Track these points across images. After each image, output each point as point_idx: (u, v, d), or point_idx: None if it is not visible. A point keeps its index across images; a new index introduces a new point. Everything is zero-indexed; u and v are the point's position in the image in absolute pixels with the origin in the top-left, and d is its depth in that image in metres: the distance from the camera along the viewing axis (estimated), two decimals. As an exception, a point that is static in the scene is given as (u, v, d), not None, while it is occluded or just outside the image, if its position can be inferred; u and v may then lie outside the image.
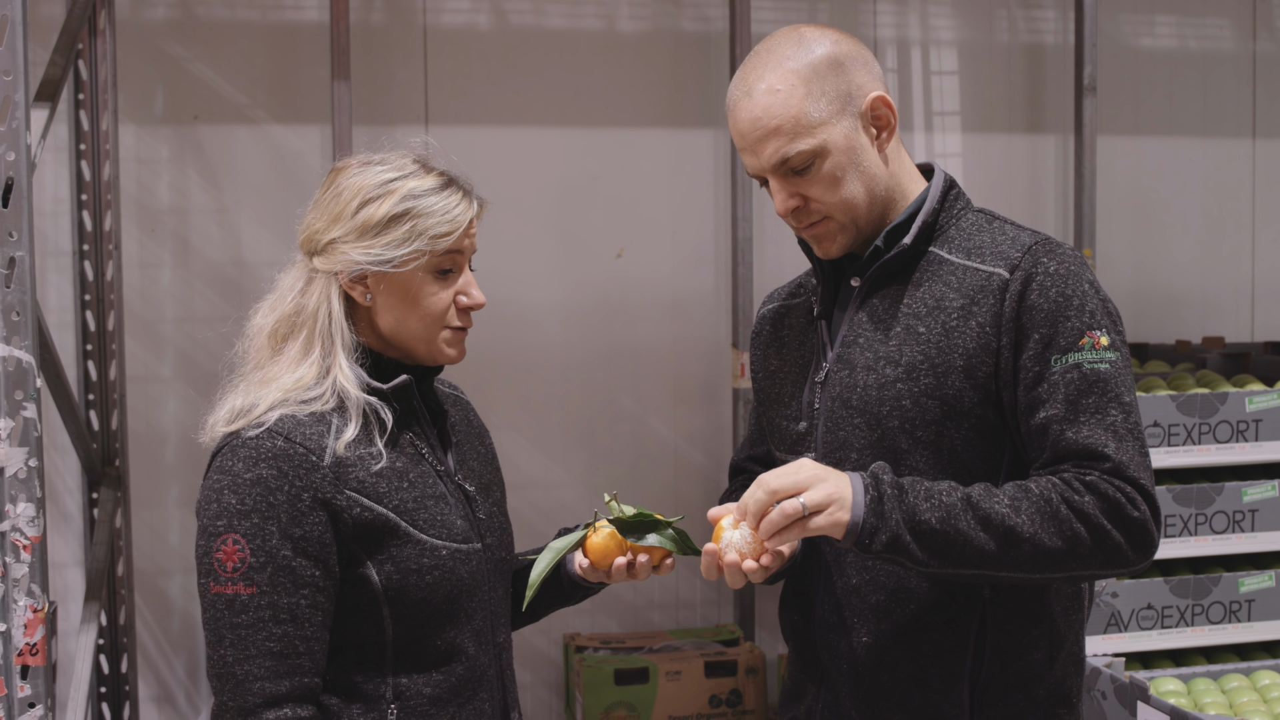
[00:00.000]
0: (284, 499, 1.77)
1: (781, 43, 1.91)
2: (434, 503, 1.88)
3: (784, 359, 2.07)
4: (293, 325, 1.89)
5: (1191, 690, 3.26)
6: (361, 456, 1.83)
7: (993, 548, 1.75)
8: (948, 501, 1.76)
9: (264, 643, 1.77)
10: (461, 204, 1.88)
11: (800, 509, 1.72)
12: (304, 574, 1.78)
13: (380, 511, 1.82)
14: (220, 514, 1.79)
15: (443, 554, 1.86)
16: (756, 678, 3.84)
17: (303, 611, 1.78)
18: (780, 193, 1.91)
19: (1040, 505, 1.76)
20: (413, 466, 1.89)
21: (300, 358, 1.87)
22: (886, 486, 1.75)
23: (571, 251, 4.11)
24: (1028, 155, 4.40)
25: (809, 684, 2.02)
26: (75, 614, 3.59)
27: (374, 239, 1.84)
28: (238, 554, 1.77)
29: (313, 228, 1.90)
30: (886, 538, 1.73)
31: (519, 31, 4.07)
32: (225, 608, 1.77)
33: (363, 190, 1.86)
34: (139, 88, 3.81)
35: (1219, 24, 4.54)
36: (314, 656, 1.80)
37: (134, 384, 3.79)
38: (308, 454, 1.79)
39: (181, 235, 3.86)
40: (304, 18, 3.91)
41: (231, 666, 1.77)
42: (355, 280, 1.87)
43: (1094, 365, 1.82)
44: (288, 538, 1.77)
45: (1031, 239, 1.90)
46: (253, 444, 1.81)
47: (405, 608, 1.84)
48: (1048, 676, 1.92)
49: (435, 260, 1.87)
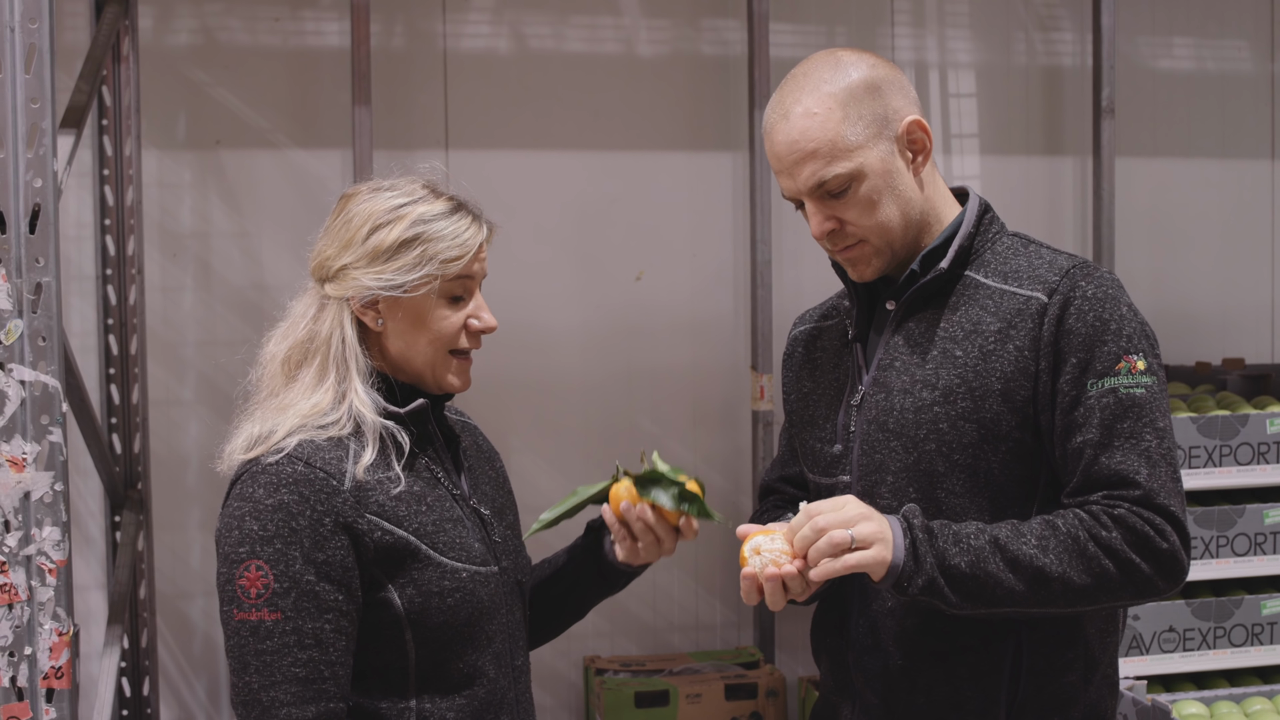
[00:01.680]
0: (306, 524, 1.77)
1: (818, 66, 1.92)
2: (452, 526, 1.88)
3: (817, 381, 2.07)
4: (306, 352, 1.90)
5: (1214, 713, 3.24)
6: (380, 480, 1.83)
7: (1022, 588, 1.76)
8: (976, 545, 1.77)
9: (289, 668, 1.76)
10: (471, 228, 1.89)
11: (849, 540, 1.73)
12: (328, 598, 1.77)
13: (401, 535, 1.82)
14: (242, 540, 1.78)
15: (463, 576, 1.86)
16: (777, 700, 3.83)
17: (327, 636, 1.77)
18: (816, 215, 1.92)
19: (1068, 543, 1.77)
20: (430, 490, 1.89)
21: (315, 384, 1.87)
22: (918, 531, 1.77)
23: (591, 274, 4.12)
24: (1046, 177, 4.40)
25: (842, 706, 2.01)
26: (98, 637, 3.60)
27: (385, 264, 1.85)
28: (261, 580, 1.76)
29: (324, 254, 1.91)
30: (923, 582, 1.75)
31: (538, 55, 4.09)
32: (250, 634, 1.76)
33: (373, 216, 1.87)
34: (162, 113, 3.84)
35: (1237, 45, 4.54)
36: (339, 681, 1.79)
37: (156, 407, 3.81)
38: (328, 478, 1.79)
39: (203, 259, 3.89)
40: (325, 43, 3.94)
41: (257, 693, 1.76)
42: (367, 305, 1.88)
43: (1130, 390, 1.82)
44: (311, 562, 1.76)
45: (1069, 262, 1.90)
46: (273, 470, 1.80)
47: (427, 631, 1.83)
48: (1082, 699, 1.91)
49: (446, 285, 1.87)
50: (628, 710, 3.73)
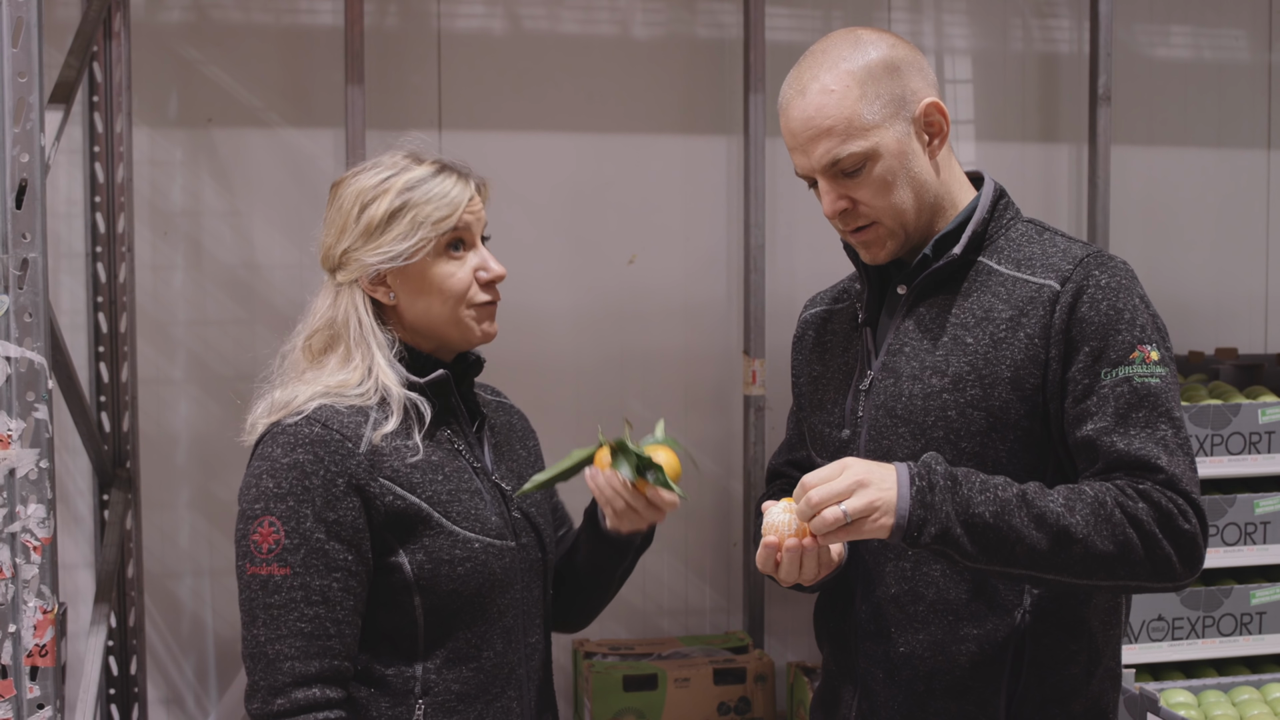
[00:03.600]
0: (319, 483, 1.82)
1: (838, 44, 1.90)
2: (468, 497, 1.91)
3: (827, 365, 2.05)
4: (328, 338, 1.95)
5: (1202, 702, 3.24)
6: (397, 448, 1.87)
7: (1044, 546, 1.73)
8: (1003, 496, 1.74)
9: (295, 623, 1.80)
10: (457, 185, 1.92)
11: (842, 517, 1.71)
12: (337, 557, 1.82)
13: (413, 501, 1.86)
14: (258, 497, 1.83)
15: (475, 546, 1.89)
16: (765, 685, 3.83)
17: (335, 594, 1.82)
18: (829, 194, 1.90)
19: (1095, 507, 1.74)
20: (449, 461, 1.93)
21: (341, 366, 1.93)
22: (939, 477, 1.73)
23: (583, 257, 4.11)
24: (1041, 164, 4.39)
25: (844, 690, 2.01)
26: (85, 615, 3.59)
27: (380, 238, 1.90)
28: (273, 535, 1.81)
29: (326, 244, 1.96)
30: (936, 530, 1.71)
31: (533, 37, 4.08)
32: (259, 588, 1.81)
33: (361, 195, 1.92)
34: (153, 90, 3.82)
35: (1234, 35, 4.53)
36: (344, 640, 1.83)
37: (145, 386, 3.79)
38: (344, 440, 1.84)
39: (194, 238, 3.87)
40: (318, 22, 3.92)
41: (263, 646, 1.81)
42: (376, 282, 1.93)
43: (1144, 379, 1.80)
44: (321, 521, 1.81)
45: (1083, 251, 1.88)
46: (291, 430, 1.85)
47: (436, 597, 1.87)
48: (1085, 691, 1.91)
49: (443, 242, 1.91)
50: (616, 694, 3.73)
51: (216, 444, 3.88)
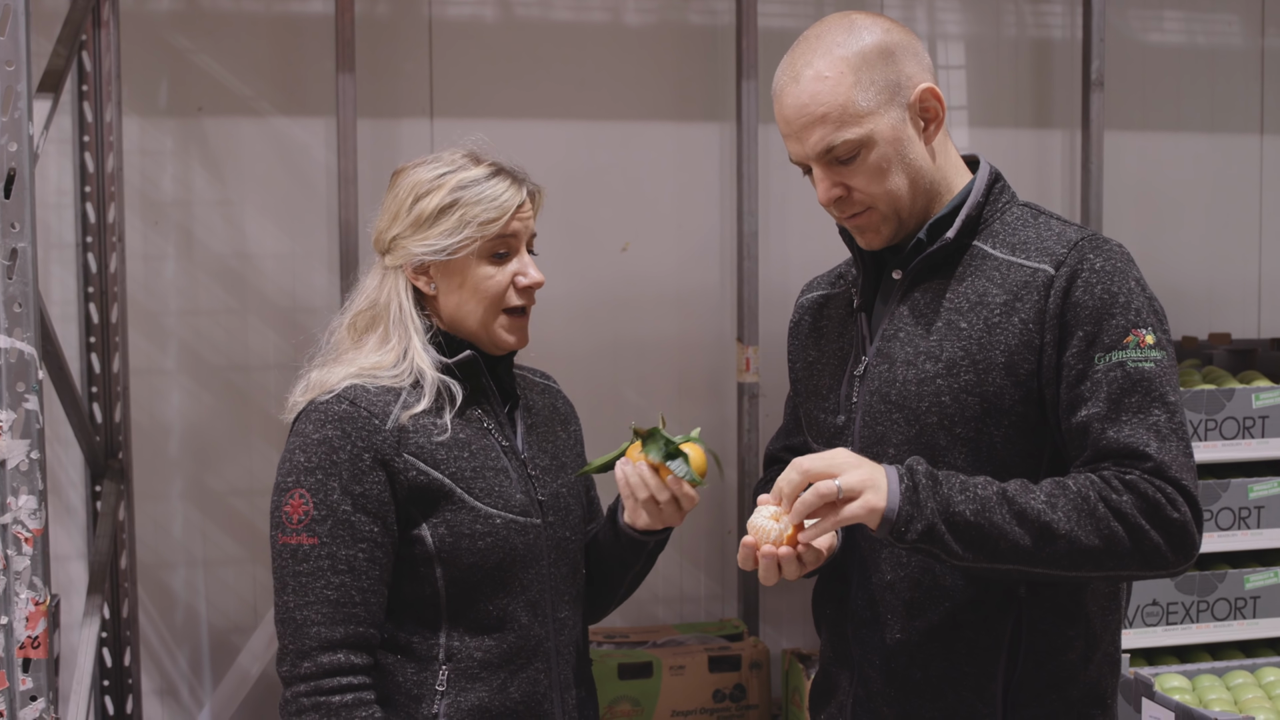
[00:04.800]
0: (346, 457, 1.91)
1: (832, 29, 1.89)
2: (493, 474, 1.99)
3: (822, 350, 2.05)
4: (370, 319, 2.04)
5: (1196, 687, 3.25)
6: (425, 426, 1.96)
7: (1028, 543, 1.73)
8: (983, 494, 1.74)
9: (322, 590, 1.89)
10: (509, 190, 2.01)
11: (835, 490, 1.71)
12: (362, 529, 1.91)
13: (435, 476, 1.94)
14: (291, 471, 1.93)
15: (496, 522, 1.97)
16: (760, 672, 3.83)
17: (360, 564, 1.90)
18: (824, 181, 1.89)
19: (1077, 502, 1.74)
20: (477, 439, 2.01)
21: (379, 346, 2.02)
22: (921, 477, 1.73)
23: (577, 244, 4.10)
24: (1035, 150, 4.39)
25: (841, 677, 2.01)
26: (78, 607, 3.58)
27: (428, 230, 1.99)
28: (303, 507, 1.90)
29: (379, 228, 2.06)
30: (922, 527, 1.71)
31: (524, 24, 4.06)
32: (290, 557, 1.91)
33: (416, 187, 2.01)
34: (143, 79, 3.80)
35: (1227, 19, 4.52)
36: (370, 608, 1.92)
37: (137, 376, 3.78)
38: (371, 417, 1.93)
39: (185, 227, 3.85)
40: (308, 9, 3.90)
41: (292, 612, 1.90)
42: (419, 271, 2.02)
43: (1138, 364, 1.79)
44: (348, 494, 1.90)
45: (1078, 234, 1.87)
46: (322, 408, 1.95)
47: (457, 569, 1.95)
48: (1082, 677, 1.90)
49: (488, 245, 2.00)
50: (611, 681, 3.73)
51: (209, 434, 3.87)
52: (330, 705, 1.88)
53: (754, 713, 3.83)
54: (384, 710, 1.93)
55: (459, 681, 1.96)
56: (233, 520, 3.88)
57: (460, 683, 1.96)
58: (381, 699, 1.94)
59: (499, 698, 1.97)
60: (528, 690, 1.99)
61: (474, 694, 1.96)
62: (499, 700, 1.97)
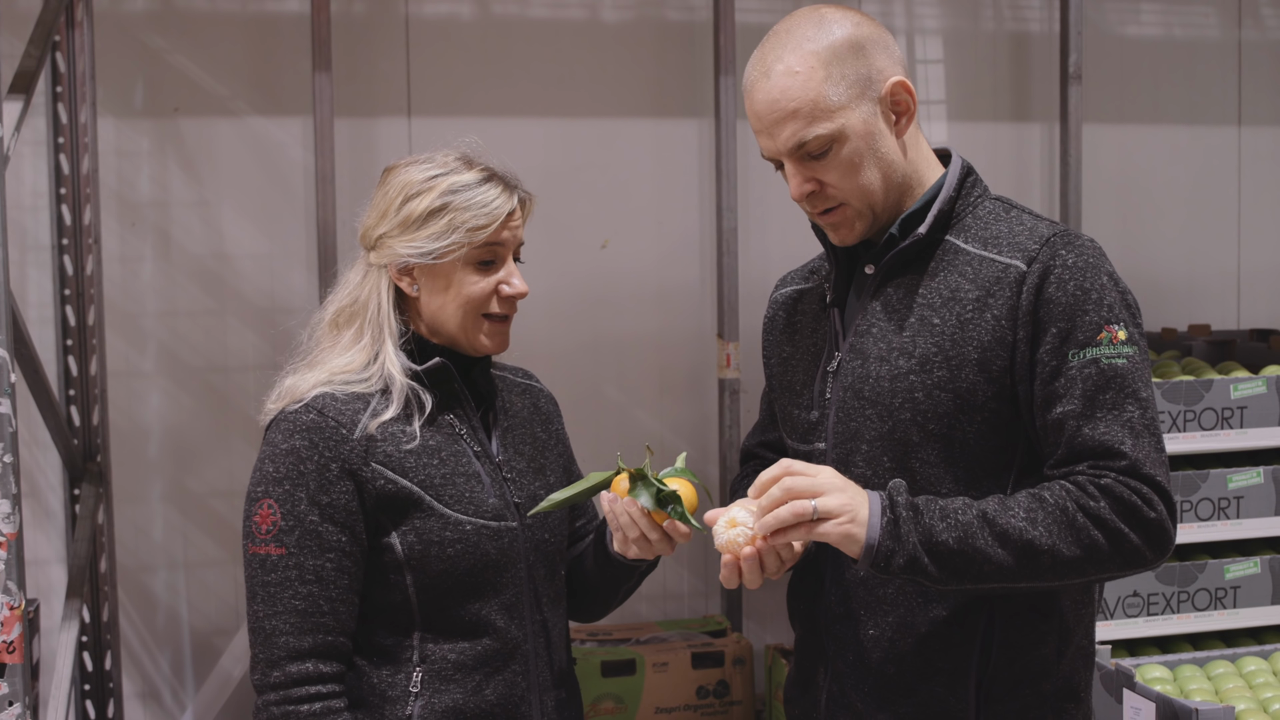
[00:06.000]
0: (313, 468, 1.91)
1: (801, 23, 1.88)
2: (464, 480, 1.99)
3: (796, 346, 2.04)
4: (350, 315, 2.03)
5: (1177, 677, 3.25)
6: (394, 434, 1.96)
7: (1011, 563, 1.74)
8: (964, 520, 1.74)
9: (290, 600, 1.90)
10: (500, 197, 1.99)
11: (811, 511, 1.71)
12: (330, 539, 1.91)
13: (404, 484, 1.94)
14: (260, 481, 1.94)
15: (466, 529, 1.96)
16: (743, 669, 3.83)
17: (328, 574, 1.91)
18: (796, 177, 1.88)
19: (1056, 515, 1.74)
20: (447, 445, 2.00)
21: (351, 344, 2.02)
22: (902, 509, 1.73)
23: (556, 242, 4.09)
24: (1013, 143, 4.39)
25: (817, 673, 2.00)
26: (58, 611, 3.56)
27: (415, 232, 1.98)
28: (271, 517, 1.91)
29: (366, 224, 2.05)
30: (904, 560, 1.73)
31: (501, 22, 4.05)
32: (259, 566, 1.92)
33: (407, 187, 2.00)
34: (118, 80, 3.78)
35: (1204, 11, 4.53)
36: (339, 617, 1.92)
37: (115, 379, 3.76)
38: (339, 427, 1.93)
39: (162, 228, 3.84)
40: (284, 8, 3.89)
41: (262, 621, 1.91)
42: (403, 272, 2.01)
43: (1112, 360, 1.79)
44: (315, 504, 1.91)
45: (1050, 230, 1.87)
46: (291, 418, 1.95)
47: (427, 576, 1.95)
48: (1055, 671, 1.90)
49: (475, 252, 1.99)
50: (594, 679, 3.72)
51: (189, 436, 3.85)
52: (299, 714, 1.89)
53: (737, 709, 3.83)
54: (358, 712, 1.94)
55: (433, 683, 1.96)
56: (213, 522, 3.87)
57: (434, 684, 1.96)
58: (356, 700, 1.95)
59: (474, 699, 1.97)
60: (504, 692, 1.99)
61: (448, 695, 1.96)
62: (474, 702, 1.97)
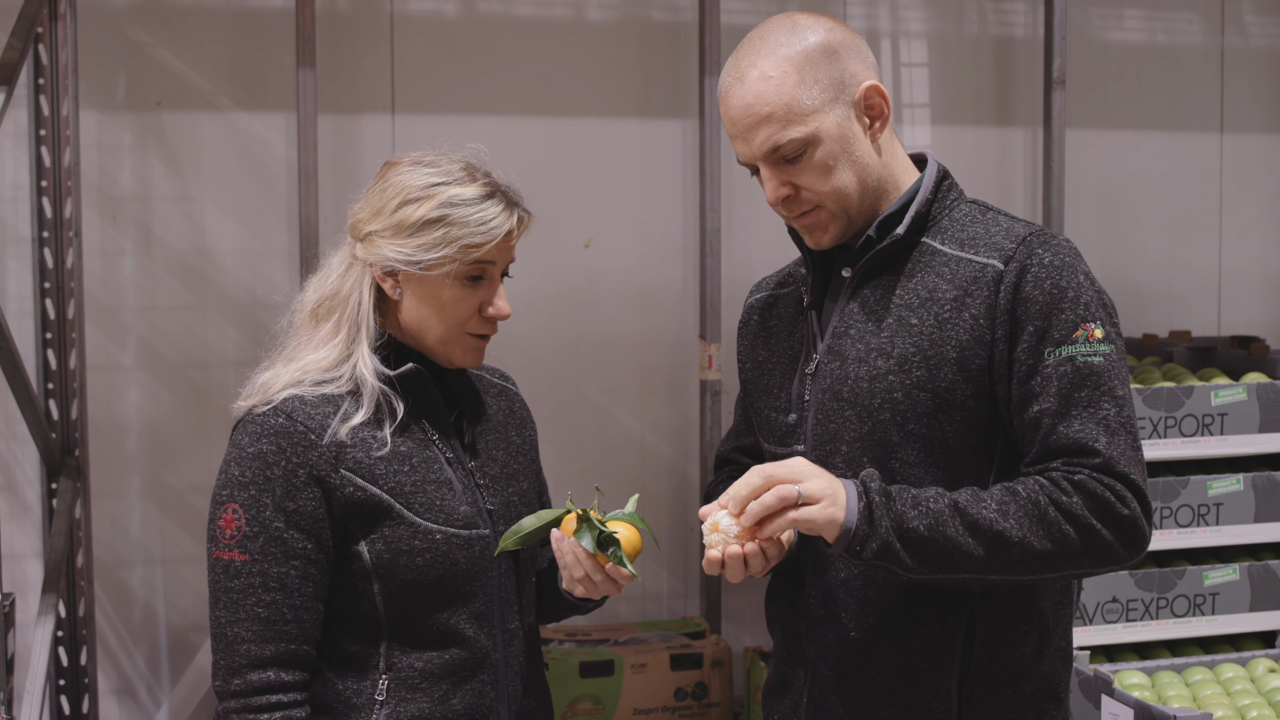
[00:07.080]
0: (280, 473, 1.86)
1: (775, 29, 1.89)
2: (435, 488, 1.94)
3: (772, 349, 2.05)
4: (330, 308, 1.97)
5: (1156, 683, 3.26)
6: (364, 439, 1.90)
7: (981, 553, 1.75)
8: (935, 508, 1.75)
9: (253, 608, 1.86)
10: (500, 216, 1.94)
11: (796, 495, 1.72)
12: (295, 546, 1.86)
13: (373, 492, 1.89)
14: (225, 484, 1.89)
15: (436, 538, 1.92)
16: (722, 670, 3.83)
17: (292, 581, 1.87)
18: (771, 181, 1.89)
19: (1028, 508, 1.75)
20: (419, 451, 1.95)
21: (328, 339, 1.96)
22: (875, 495, 1.75)
23: (539, 241, 4.03)
24: (997, 148, 4.40)
25: (795, 676, 2.00)
26: (34, 605, 3.54)
27: (408, 239, 1.91)
28: (235, 522, 1.87)
29: (358, 216, 1.98)
30: (877, 545, 1.73)
31: (486, 20, 4.04)
32: (222, 572, 1.87)
33: (406, 190, 1.92)
34: (101, 73, 3.76)
35: (1188, 18, 4.55)
36: (303, 625, 1.88)
37: (95, 373, 3.75)
38: (307, 432, 1.88)
39: (144, 223, 3.82)
40: (269, 3, 3.87)
41: (224, 627, 1.87)
42: (387, 274, 1.94)
43: (1088, 358, 1.80)
44: (281, 510, 1.86)
45: (1025, 230, 1.88)
46: (259, 420, 1.90)
47: (395, 586, 1.90)
48: (1035, 671, 1.91)
49: (465, 268, 1.93)
50: (572, 680, 3.72)
51: (168, 431, 3.83)
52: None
53: (716, 711, 3.83)
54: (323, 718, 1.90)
55: (399, 691, 1.92)
56: (191, 518, 3.85)
57: (400, 693, 1.92)
58: (320, 708, 1.91)
59: (440, 709, 1.93)
60: (471, 702, 1.95)
61: (414, 704, 1.92)
62: (440, 711, 1.93)
